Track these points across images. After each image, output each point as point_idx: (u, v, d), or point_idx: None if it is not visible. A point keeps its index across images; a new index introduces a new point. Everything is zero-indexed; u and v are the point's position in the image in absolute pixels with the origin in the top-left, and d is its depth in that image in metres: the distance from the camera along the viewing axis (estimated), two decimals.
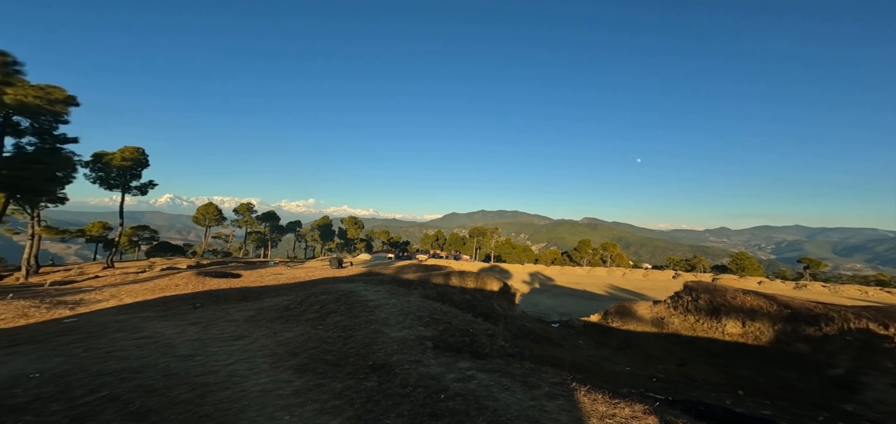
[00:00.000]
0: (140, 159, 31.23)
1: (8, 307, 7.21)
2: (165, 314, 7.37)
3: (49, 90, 20.16)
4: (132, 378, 3.79)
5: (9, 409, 2.91)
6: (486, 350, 5.74)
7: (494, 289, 13.65)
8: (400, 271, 15.51)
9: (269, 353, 5.06)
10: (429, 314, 6.91)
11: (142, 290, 10.23)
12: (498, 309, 12.80)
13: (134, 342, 5.30)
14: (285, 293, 10.29)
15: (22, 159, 20.31)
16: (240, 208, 57.08)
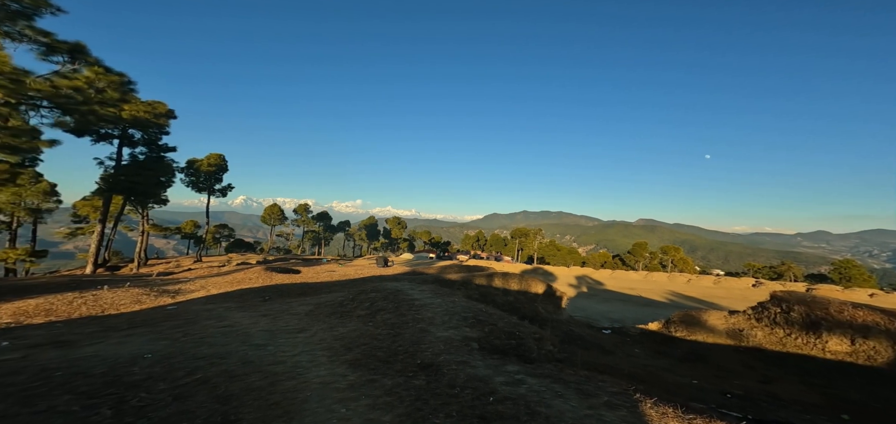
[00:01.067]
0: (222, 164, 36.00)
1: (127, 294, 8.81)
2: (242, 306, 8.38)
3: (154, 105, 24.02)
4: (219, 364, 4.34)
5: (129, 384, 3.54)
6: (533, 354, 5.61)
7: (538, 292, 13.26)
8: (442, 271, 15.76)
9: (326, 346, 5.44)
10: (473, 315, 6.93)
11: (223, 282, 11.78)
12: (542, 313, 12.37)
13: (219, 329, 6.09)
14: (338, 289, 11.09)
15: (136, 166, 24.48)
16: (298, 208, 62.61)
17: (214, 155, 35.66)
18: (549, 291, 13.55)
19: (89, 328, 5.78)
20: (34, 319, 6.33)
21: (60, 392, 3.25)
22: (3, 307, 6.83)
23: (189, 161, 34.72)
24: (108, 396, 3.27)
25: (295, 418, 3.21)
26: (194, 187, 35.15)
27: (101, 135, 22.74)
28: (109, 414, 2.95)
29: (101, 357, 4.18)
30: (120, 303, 8.00)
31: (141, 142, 24.82)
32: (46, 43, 17.62)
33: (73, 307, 7.37)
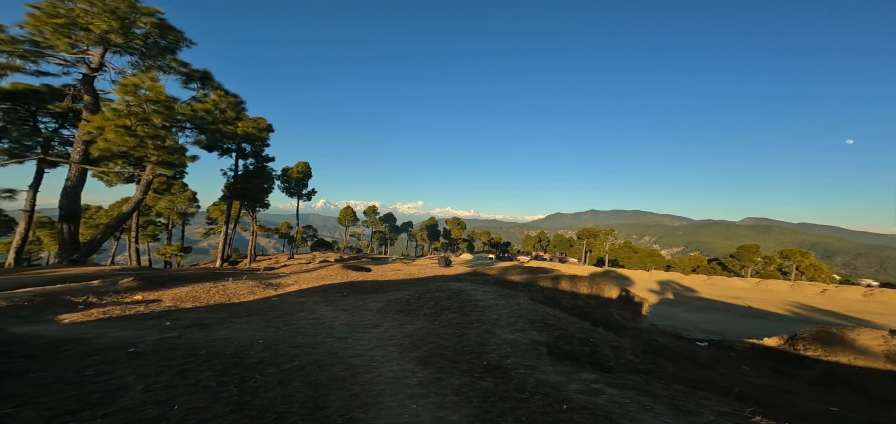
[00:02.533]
0: (307, 171, 41.43)
1: (244, 286, 10.80)
2: (326, 300, 9.49)
3: (258, 121, 28.51)
4: (311, 353, 4.95)
5: (248, 366, 4.28)
6: (610, 363, 5.23)
7: (612, 296, 12.18)
8: (504, 272, 15.50)
9: (397, 343, 5.78)
10: (540, 319, 6.72)
11: (310, 278, 13.56)
12: (618, 319, 11.30)
13: (310, 321, 6.96)
14: (405, 288, 11.78)
15: (247, 175, 29.51)
16: (367, 210, 68.29)
17: (301, 163, 41.22)
18: (626, 296, 12.28)
19: (220, 314, 7.22)
20: (185, 304, 8.21)
21: (203, 368, 4.10)
22: (165, 292, 9.03)
23: (283, 169, 40.68)
24: (234, 375, 3.98)
25: (372, 410, 3.46)
26: (287, 192, 41.10)
27: (224, 149, 27.84)
28: (235, 392, 3.58)
29: (229, 340, 5.15)
30: (240, 293, 9.82)
31: (250, 154, 29.80)
32: (185, 72, 22.29)
33: (209, 294, 9.32)
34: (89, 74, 19.12)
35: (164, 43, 20.41)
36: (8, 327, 4.87)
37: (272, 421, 3.08)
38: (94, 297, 7.75)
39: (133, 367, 3.92)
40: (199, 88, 22.91)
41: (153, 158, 19.09)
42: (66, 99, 19.44)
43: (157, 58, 20.53)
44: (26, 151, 19.59)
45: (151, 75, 19.32)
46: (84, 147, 18.55)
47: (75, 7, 17.21)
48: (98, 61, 19.10)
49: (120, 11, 18.00)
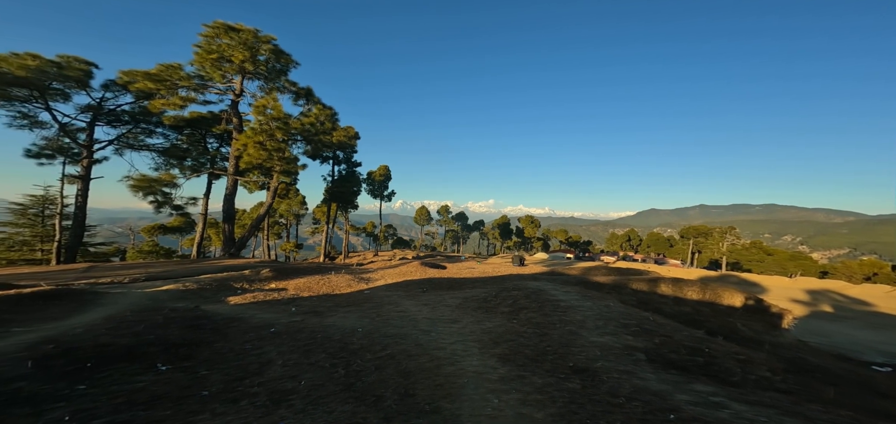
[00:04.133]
0: (387, 174, 45.43)
1: (343, 279, 12.61)
2: (408, 295, 10.36)
3: (348, 130, 31.99)
4: (400, 344, 5.49)
5: (352, 351, 5.03)
6: (734, 377, 4.64)
7: (733, 304, 10.21)
8: (586, 272, 14.30)
9: (476, 339, 5.97)
10: (637, 323, 6.24)
11: (394, 274, 14.95)
12: (744, 331, 9.39)
13: (397, 314, 7.73)
14: (480, 285, 11.97)
15: (340, 180, 33.74)
16: (440, 210, 71.03)
17: (382, 167, 45.41)
18: (756, 305, 10.05)
19: (328, 303, 8.60)
20: (303, 293, 10.06)
21: (320, 350, 4.97)
22: (289, 282, 11.22)
23: (368, 172, 45.45)
24: (342, 358, 4.71)
25: (456, 401, 3.65)
26: (371, 193, 45.84)
27: (324, 157, 32.40)
28: (343, 374, 4.22)
29: (337, 327, 6.11)
30: (340, 286, 11.51)
31: (342, 160, 33.96)
32: (294, 91, 26.67)
33: (319, 285, 11.20)
34: (235, 99, 24.56)
35: (279, 66, 24.78)
36: (200, 305, 6.81)
37: (371, 403, 3.54)
38: (246, 284, 10.16)
39: (274, 345, 5.01)
40: (304, 104, 27.18)
41: (278, 167, 23.56)
42: (223, 122, 25.47)
43: (274, 80, 25.11)
44: (201, 167, 26.52)
45: (273, 96, 23.79)
46: (235, 161, 24.01)
47: (222, 43, 22.29)
48: (239, 88, 24.40)
49: (249, 42, 22.60)
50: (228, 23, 22.53)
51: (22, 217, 25.57)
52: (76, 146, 21.93)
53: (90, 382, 3.13)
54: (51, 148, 21.47)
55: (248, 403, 3.24)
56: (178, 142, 25.87)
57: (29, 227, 25.46)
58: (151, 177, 25.27)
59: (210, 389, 3.43)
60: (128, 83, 21.87)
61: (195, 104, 24.18)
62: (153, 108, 22.80)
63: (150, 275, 10.72)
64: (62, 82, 20.04)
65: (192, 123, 25.45)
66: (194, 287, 8.86)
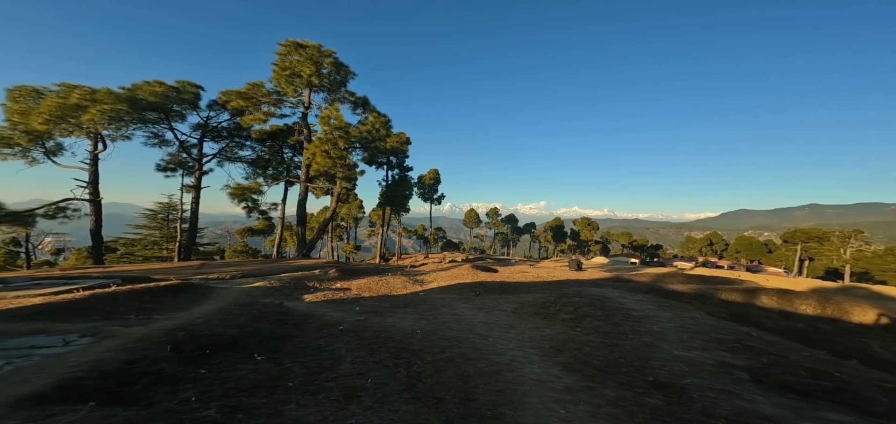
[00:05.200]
0: (437, 177, 46.53)
1: (398, 281, 13.25)
2: (462, 298, 10.46)
3: (400, 136, 33.53)
4: (458, 346, 5.56)
5: (412, 352, 5.23)
6: (878, 408, 3.97)
7: (865, 321, 8.43)
8: (659, 279, 12.83)
9: (535, 346, 5.80)
10: (733, 338, 5.63)
11: (446, 277, 15.21)
12: (882, 353, 7.72)
13: (452, 317, 7.86)
14: (535, 290, 11.55)
15: (393, 184, 35.56)
16: (489, 212, 70.37)
17: (432, 170, 46.64)
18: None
19: (386, 304, 9.13)
20: (364, 293, 10.84)
21: (383, 349, 5.27)
22: (352, 282, 12.19)
23: (419, 176, 47.07)
24: (403, 359, 4.91)
25: (518, 408, 3.56)
26: (421, 197, 47.37)
27: (379, 163, 34.46)
28: (405, 374, 4.40)
29: (397, 327, 6.42)
30: (397, 287, 12.11)
31: (395, 165, 35.75)
32: (352, 100, 28.76)
33: (378, 286, 11.95)
34: (304, 111, 27.44)
35: (339, 77, 27.01)
36: (284, 301, 7.78)
37: (432, 405, 3.61)
38: (317, 283, 11.33)
39: (343, 342, 5.46)
40: (361, 112, 29.19)
41: (340, 174, 25.73)
42: (295, 134, 28.71)
43: (335, 91, 27.44)
44: (280, 175, 30.24)
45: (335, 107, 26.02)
46: (306, 169, 26.88)
47: (293, 59, 25.06)
48: (308, 100, 27.19)
49: (314, 56, 25.04)
50: (297, 40, 25.21)
51: (153, 221, 32.04)
52: (191, 160, 26.74)
53: (208, 367, 3.79)
54: (173, 162, 26.55)
55: (325, 397, 3.56)
56: (262, 153, 29.90)
57: (158, 229, 31.76)
58: (244, 185, 29.61)
59: (294, 381, 3.86)
60: (225, 102, 25.90)
61: (274, 118, 27.58)
62: (244, 123, 26.65)
63: (244, 272, 12.58)
64: (180, 105, 24.59)
65: (272, 135, 29.15)
66: (278, 285, 10.15)
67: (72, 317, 5.06)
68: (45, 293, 6.14)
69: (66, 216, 22.94)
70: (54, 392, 2.71)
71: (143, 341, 3.89)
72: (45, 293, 6.13)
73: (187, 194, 26.87)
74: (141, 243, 31.07)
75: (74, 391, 2.82)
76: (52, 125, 20.06)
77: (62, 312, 5.20)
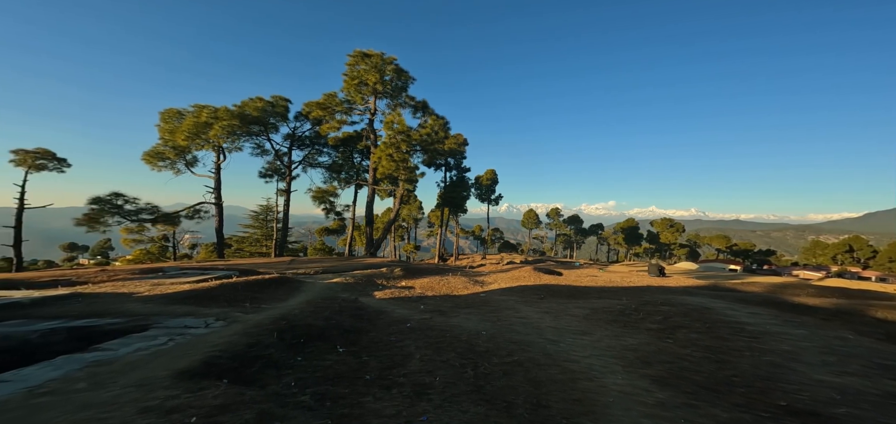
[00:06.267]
0: (494, 178, 45.92)
1: (459, 281, 13.47)
2: (525, 301, 10.12)
3: (457, 137, 34.06)
4: (526, 351, 5.37)
5: (479, 353, 5.18)
6: None
7: None
8: (776, 290, 10.66)
9: (616, 355, 5.35)
10: None
11: (507, 278, 14.92)
12: None
13: (517, 319, 7.63)
14: (609, 296, 10.61)
15: (451, 185, 36.21)
16: (550, 212, 66.78)
17: (489, 171, 46.19)
18: None
19: (449, 304, 9.36)
20: (427, 292, 11.30)
21: (449, 349, 5.39)
22: (416, 281, 12.82)
23: (476, 177, 47.05)
24: (469, 359, 4.87)
25: (600, 420, 3.31)
26: (478, 197, 47.22)
27: (437, 165, 35.52)
28: (472, 375, 4.37)
29: (462, 328, 6.46)
30: (458, 287, 12.33)
31: (453, 167, 36.38)
32: (413, 105, 30.06)
33: (440, 285, 12.34)
34: (371, 117, 29.73)
35: (400, 83, 28.53)
36: (359, 297, 8.60)
37: (503, 409, 3.52)
38: (385, 281, 12.22)
39: (411, 339, 5.76)
40: (421, 116, 30.36)
41: (403, 176, 27.23)
42: (363, 139, 31.33)
43: (397, 97, 29.08)
44: (351, 179, 33.35)
45: (397, 112, 27.59)
46: (373, 173, 29.14)
47: (360, 69, 27.31)
48: (373, 107, 29.37)
49: (378, 64, 26.90)
50: (363, 50, 27.37)
51: (255, 221, 38.24)
52: (283, 167, 31.26)
53: (303, 355, 4.37)
54: (271, 169, 31.36)
55: (397, 392, 3.73)
56: (337, 159, 33.33)
57: (259, 228, 37.79)
58: (323, 188, 33.42)
59: (371, 374, 4.15)
60: (307, 113, 29.52)
61: (346, 125, 30.57)
62: (322, 131, 30.04)
63: (324, 269, 14.22)
64: (274, 117, 28.90)
65: (344, 142, 32.28)
66: (352, 281, 11.22)
67: (209, 303, 6.39)
68: (190, 281, 7.87)
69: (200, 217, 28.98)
70: (201, 367, 3.43)
71: (257, 327, 4.68)
72: (190, 281, 7.86)
73: (280, 197, 31.51)
74: (248, 240, 37.44)
75: (214, 368, 3.50)
76: (190, 141, 25.48)
77: (202, 298, 6.60)
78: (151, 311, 5.50)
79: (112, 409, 2.60)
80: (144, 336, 4.30)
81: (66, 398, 2.84)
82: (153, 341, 4.14)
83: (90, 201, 22.57)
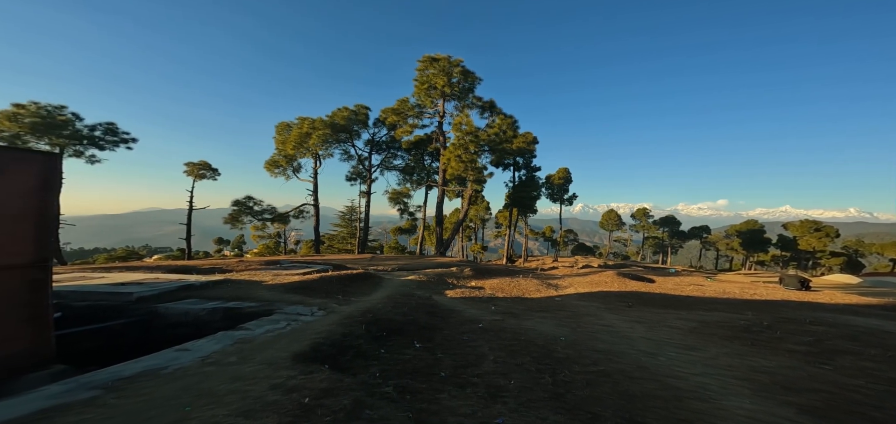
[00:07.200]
0: (568, 177, 42.84)
1: (530, 284, 12.95)
2: (609, 308, 9.12)
3: (526, 136, 32.82)
4: (615, 361, 4.88)
5: (556, 360, 4.87)
6: None
7: None
8: None
9: (741, 376, 4.57)
10: None
11: (584, 283, 13.73)
12: None
13: (601, 327, 6.97)
14: (724, 308, 9.05)
15: (520, 185, 35.11)
16: (636, 213, 59.15)
17: (562, 169, 43.23)
18: None
19: (520, 306, 9.10)
20: (497, 293, 11.17)
21: (524, 353, 5.22)
22: (485, 282, 12.79)
23: (547, 176, 44.57)
24: (547, 365, 4.61)
25: None
26: (550, 197, 44.58)
27: (505, 164, 34.92)
28: (550, 381, 4.13)
29: (537, 331, 6.20)
30: (529, 290, 11.89)
31: (522, 166, 35.21)
32: (480, 105, 30.15)
33: (510, 287, 12.08)
34: (440, 120, 30.96)
35: (466, 84, 28.92)
36: (432, 295, 9.05)
37: (586, 420, 3.28)
38: (455, 280, 12.54)
39: (484, 340, 5.79)
40: (488, 116, 30.27)
41: (471, 177, 27.60)
42: (433, 142, 32.81)
43: (464, 98, 29.57)
44: (422, 180, 35.32)
45: (465, 113, 28.05)
46: (442, 174, 30.30)
47: (429, 73, 28.57)
48: (442, 110, 30.49)
49: (445, 68, 27.74)
50: (431, 55, 28.56)
51: (342, 221, 43.40)
52: (364, 171, 34.89)
53: (386, 348, 4.80)
54: (355, 173, 35.34)
55: (472, 391, 3.74)
56: (409, 161, 35.70)
57: (345, 227, 42.76)
58: (398, 190, 36.21)
59: (445, 372, 4.27)
60: (384, 119, 32.26)
61: (417, 129, 32.52)
62: (397, 136, 32.50)
63: (400, 266, 15.33)
64: (357, 125, 32.44)
65: (416, 145, 34.32)
66: (425, 280, 11.84)
67: (312, 293, 7.54)
68: (299, 273, 9.45)
69: (303, 216, 34.47)
70: (310, 351, 4.05)
71: (350, 319, 5.33)
72: (299, 273, 9.43)
73: (362, 199, 35.28)
74: (336, 238, 42.82)
75: (319, 353, 4.08)
76: (296, 150, 30.46)
77: (307, 289, 7.83)
78: (274, 298, 6.74)
79: (252, 383, 3.24)
80: (271, 320, 5.29)
81: (224, 368, 3.63)
82: (276, 324, 5.07)
83: (232, 203, 29.31)
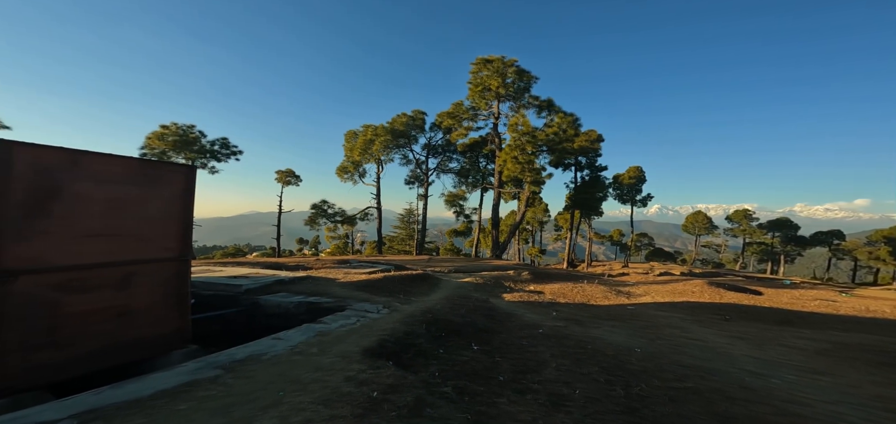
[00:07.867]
0: (640, 176, 38.59)
1: (597, 290, 11.91)
2: (698, 320, 7.93)
3: (590, 134, 30.74)
4: (707, 379, 4.27)
5: (631, 372, 4.40)
6: None
7: None
8: None
9: (892, 409, 3.81)
10: None
11: (663, 291, 12.11)
12: None
13: (687, 340, 6.12)
14: (869, 329, 7.33)
15: (583, 186, 32.86)
16: (733, 215, 50.49)
17: (633, 168, 39.08)
18: None
19: (586, 313, 8.45)
20: (558, 298, 10.54)
21: (591, 362, 4.84)
22: (545, 286, 12.17)
23: (615, 176, 40.74)
24: (618, 377, 4.20)
25: None
26: (619, 199, 40.62)
27: (566, 164, 33.08)
28: (622, 394, 3.75)
29: (606, 341, 5.68)
30: (595, 296, 10.96)
31: (585, 166, 32.93)
32: (537, 104, 29.00)
33: (573, 293, 11.30)
34: (495, 121, 30.70)
35: (522, 84, 28.11)
36: (489, 298, 8.99)
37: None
38: (513, 284, 12.22)
39: (545, 346, 5.52)
40: (546, 115, 28.98)
41: (528, 178, 26.75)
42: (488, 144, 32.68)
43: (520, 98, 28.80)
44: (477, 183, 35.44)
45: (521, 113, 27.32)
46: (498, 176, 29.98)
47: (483, 75, 28.51)
48: (497, 111, 30.17)
49: (499, 68, 27.37)
50: (485, 57, 28.50)
51: (401, 223, 45.84)
52: (422, 174, 36.47)
53: (444, 348, 4.91)
54: (413, 177, 37.20)
55: (532, 398, 3.59)
56: (464, 164, 36.17)
57: (404, 229, 45.07)
58: (454, 193, 37.00)
59: (503, 375, 4.18)
60: (440, 123, 33.26)
61: (472, 132, 32.79)
62: (452, 139, 33.23)
63: (456, 268, 15.54)
64: (415, 130, 34.10)
65: (471, 147, 34.62)
66: (482, 282, 11.79)
67: (377, 292, 8.12)
68: (365, 273, 10.27)
69: (368, 219, 37.48)
70: (377, 347, 4.36)
71: (411, 318, 5.61)
72: (366, 273, 10.26)
73: (419, 202, 36.87)
74: (396, 240, 45.36)
75: (384, 349, 4.36)
76: (362, 155, 33.33)
77: (373, 288, 8.45)
78: (346, 295, 7.43)
79: (329, 374, 3.58)
80: (343, 315, 5.85)
81: (308, 358, 4.07)
82: (348, 320, 5.58)
83: (311, 206, 33.48)
